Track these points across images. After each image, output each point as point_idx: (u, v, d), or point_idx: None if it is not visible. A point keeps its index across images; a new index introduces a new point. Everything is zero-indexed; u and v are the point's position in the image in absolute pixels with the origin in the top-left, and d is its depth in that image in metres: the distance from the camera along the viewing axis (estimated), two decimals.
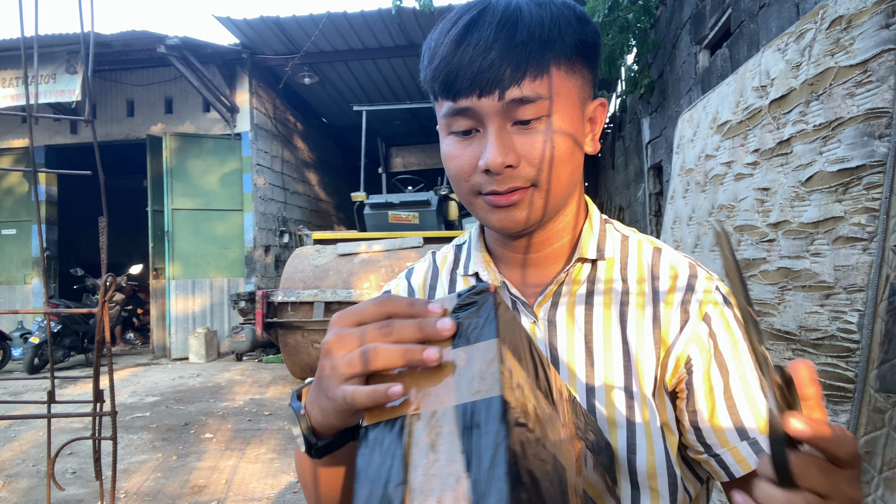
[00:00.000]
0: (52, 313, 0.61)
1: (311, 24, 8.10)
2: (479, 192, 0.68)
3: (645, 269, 0.74)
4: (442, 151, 0.71)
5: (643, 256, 0.76)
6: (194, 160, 8.96)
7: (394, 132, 11.19)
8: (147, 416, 5.34)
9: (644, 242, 0.77)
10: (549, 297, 0.74)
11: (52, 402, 0.57)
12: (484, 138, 0.65)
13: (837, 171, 1.27)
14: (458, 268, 0.83)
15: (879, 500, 1.14)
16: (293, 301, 6.07)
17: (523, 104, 0.63)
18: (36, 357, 7.45)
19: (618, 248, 0.76)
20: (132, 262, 10.68)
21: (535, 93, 0.63)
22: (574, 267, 0.74)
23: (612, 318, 0.71)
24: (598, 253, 0.75)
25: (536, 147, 0.64)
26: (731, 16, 3.61)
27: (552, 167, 0.65)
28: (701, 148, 2.15)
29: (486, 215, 0.69)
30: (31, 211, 9.67)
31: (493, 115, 0.64)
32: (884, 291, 1.14)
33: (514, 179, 0.65)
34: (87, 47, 3.44)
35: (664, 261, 0.75)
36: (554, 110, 0.65)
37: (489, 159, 0.63)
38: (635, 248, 0.77)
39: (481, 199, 0.68)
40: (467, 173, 0.67)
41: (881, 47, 1.17)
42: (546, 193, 0.67)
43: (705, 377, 0.68)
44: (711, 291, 0.72)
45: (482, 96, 0.63)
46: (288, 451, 4.30)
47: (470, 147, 0.67)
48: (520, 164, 0.65)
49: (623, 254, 0.76)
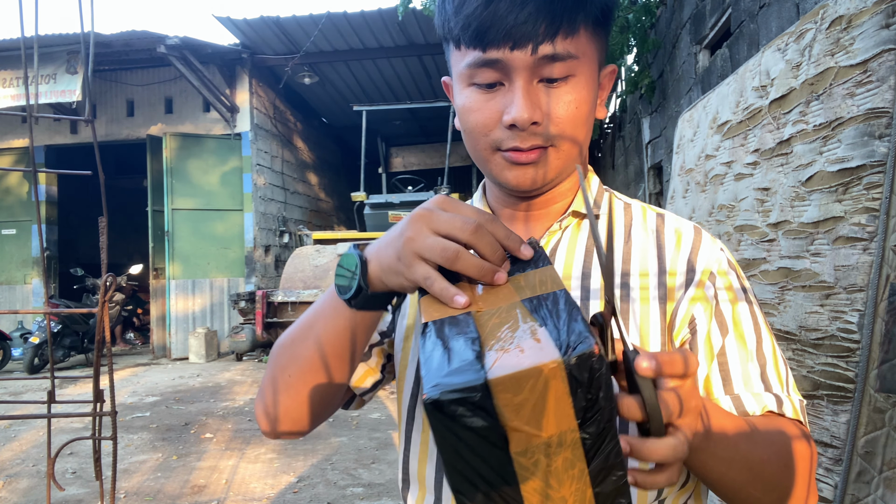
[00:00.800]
0: (52, 313, 0.61)
1: (311, 24, 8.10)
2: (497, 149, 0.67)
3: (651, 233, 0.74)
4: (459, 104, 0.69)
5: (648, 220, 0.75)
6: (194, 160, 8.96)
7: (394, 132, 11.20)
8: (147, 416, 5.34)
9: (648, 209, 0.77)
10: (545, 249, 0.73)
11: (52, 402, 0.57)
12: (510, 93, 0.64)
13: (837, 171, 1.27)
14: None
15: (880, 500, 1.14)
16: (293, 301, 6.07)
17: (554, 61, 0.62)
18: (36, 357, 7.45)
19: (620, 212, 0.76)
20: (132, 262, 10.68)
21: (566, 51, 0.63)
22: (568, 220, 0.74)
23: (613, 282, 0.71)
24: (593, 207, 0.74)
25: (561, 107, 0.64)
26: (731, 16, 3.61)
27: (572, 128, 0.65)
28: (701, 148, 2.15)
29: (502, 172, 0.68)
30: (31, 211, 9.67)
31: (523, 70, 0.63)
32: (884, 291, 1.14)
33: (536, 137, 0.64)
34: (87, 47, 3.44)
35: (669, 224, 0.74)
36: (579, 71, 0.64)
37: (517, 114, 0.62)
38: (639, 213, 0.76)
39: (499, 156, 0.67)
40: (488, 128, 0.66)
41: (881, 47, 1.17)
42: (563, 154, 0.67)
43: (706, 338, 0.68)
44: (716, 253, 0.72)
45: (515, 49, 0.62)
46: (288, 451, 4.30)
47: (493, 101, 0.65)
48: (543, 122, 0.64)
49: (627, 218, 0.76)
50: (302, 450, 4.32)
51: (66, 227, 10.63)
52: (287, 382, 0.66)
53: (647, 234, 0.73)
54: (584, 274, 0.71)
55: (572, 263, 0.72)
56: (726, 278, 0.70)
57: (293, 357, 0.66)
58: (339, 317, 0.62)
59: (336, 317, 0.62)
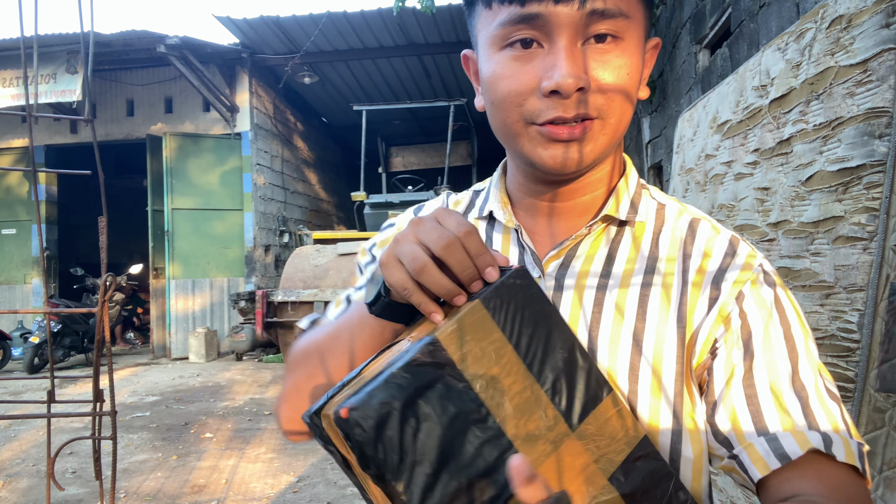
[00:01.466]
0: (52, 313, 0.61)
1: (311, 24, 8.09)
2: (532, 122, 0.57)
3: (678, 242, 0.65)
4: (487, 72, 0.60)
5: (678, 227, 0.66)
6: (194, 160, 8.96)
7: (394, 132, 11.19)
8: (147, 416, 5.34)
9: (684, 212, 0.68)
10: (563, 254, 0.65)
11: (51, 401, 0.57)
12: (550, 55, 0.55)
13: (837, 171, 1.27)
14: (471, 210, 0.75)
15: (879, 499, 1.14)
16: (293, 301, 6.08)
17: (603, 18, 0.54)
18: (36, 357, 7.45)
19: (652, 215, 0.67)
20: (132, 261, 10.68)
21: (618, 7, 0.55)
22: (598, 225, 0.65)
23: (628, 299, 0.62)
24: (628, 213, 0.65)
25: (610, 71, 0.56)
26: (731, 15, 3.61)
27: (621, 98, 0.57)
28: (701, 147, 2.15)
29: (536, 149, 0.58)
30: (31, 210, 9.67)
31: (567, 27, 0.54)
32: (884, 291, 1.14)
33: (582, 106, 0.55)
34: (86, 47, 3.44)
35: (702, 233, 0.65)
36: (628, 34, 0.57)
37: (561, 78, 0.54)
38: (672, 217, 0.67)
39: (534, 130, 0.58)
40: (523, 97, 0.57)
41: (881, 46, 1.17)
42: (610, 129, 0.58)
43: (727, 361, 0.59)
44: (752, 268, 0.61)
45: (559, 1, 0.54)
46: (288, 451, 4.30)
47: (530, 65, 0.56)
48: (591, 89, 0.56)
49: (657, 223, 0.66)
50: (302, 449, 4.32)
51: (66, 227, 10.63)
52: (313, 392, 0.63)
53: (675, 243, 0.65)
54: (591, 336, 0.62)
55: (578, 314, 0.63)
56: (758, 295, 0.60)
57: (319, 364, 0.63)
58: (366, 326, 0.59)
59: (362, 326, 0.59)
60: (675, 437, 0.59)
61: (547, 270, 0.65)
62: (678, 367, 0.59)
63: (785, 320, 0.60)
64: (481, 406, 0.45)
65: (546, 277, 0.64)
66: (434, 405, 0.44)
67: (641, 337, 0.60)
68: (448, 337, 0.46)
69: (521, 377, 0.47)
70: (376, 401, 0.42)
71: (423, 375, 0.44)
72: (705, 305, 0.60)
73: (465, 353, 0.46)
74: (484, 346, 0.46)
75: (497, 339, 0.47)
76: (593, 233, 0.65)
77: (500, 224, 0.70)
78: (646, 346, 0.60)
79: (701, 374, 0.61)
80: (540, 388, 0.48)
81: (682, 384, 0.59)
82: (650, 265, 0.63)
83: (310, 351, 0.65)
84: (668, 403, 0.59)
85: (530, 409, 0.47)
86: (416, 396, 0.43)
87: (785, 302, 0.61)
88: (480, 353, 0.46)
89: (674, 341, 0.60)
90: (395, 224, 0.79)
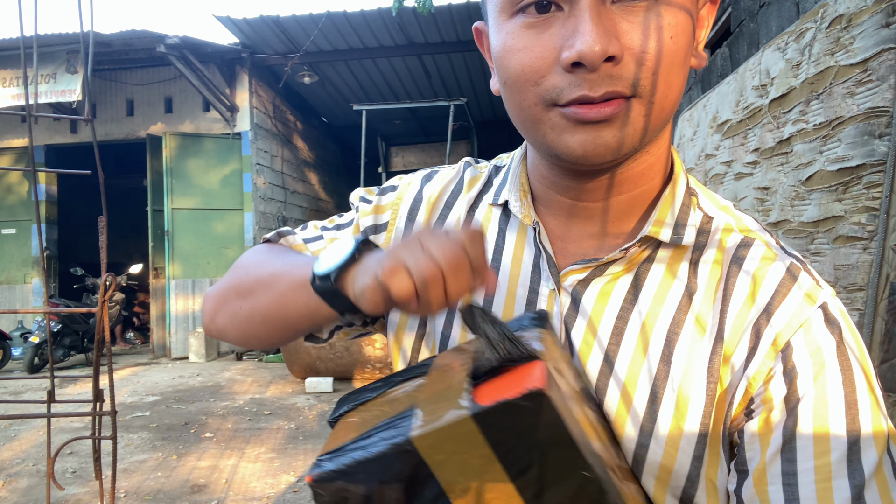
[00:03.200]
0: (52, 313, 0.61)
1: (311, 24, 8.09)
2: (553, 104, 0.47)
3: (724, 268, 0.53)
4: (498, 45, 0.50)
5: (724, 249, 0.54)
6: (194, 160, 8.96)
7: (394, 131, 11.20)
8: (147, 416, 5.34)
9: (734, 227, 0.55)
10: (587, 270, 0.55)
11: (51, 401, 0.57)
12: (570, 19, 0.45)
13: (837, 171, 1.27)
14: (486, 192, 0.65)
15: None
16: None
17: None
18: (36, 356, 7.46)
19: (694, 233, 0.55)
20: (132, 261, 10.68)
21: None
22: (635, 248, 0.54)
23: (654, 334, 0.52)
24: (672, 236, 0.53)
25: (649, 35, 0.45)
26: (732, 15, 3.61)
27: (665, 68, 0.46)
28: (701, 147, 2.14)
29: (561, 136, 0.48)
30: (30, 210, 9.67)
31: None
32: (884, 290, 1.14)
33: (613, 81, 0.45)
34: (86, 47, 3.44)
35: (752, 258, 0.52)
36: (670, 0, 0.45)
37: (584, 46, 0.43)
38: (719, 235, 0.55)
39: (556, 113, 0.48)
40: (540, 73, 0.47)
41: (881, 46, 1.17)
42: (651, 108, 0.47)
43: (764, 427, 0.47)
44: (810, 307, 0.49)
45: None
46: (288, 451, 4.30)
47: (546, 33, 0.46)
48: (623, 58, 0.45)
49: (699, 241, 0.55)
50: (302, 449, 4.32)
51: (66, 227, 10.62)
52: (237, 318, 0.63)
53: (717, 271, 0.53)
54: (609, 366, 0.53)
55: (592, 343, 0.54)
56: (814, 343, 0.47)
57: (247, 294, 0.60)
58: (302, 290, 0.53)
59: (300, 289, 0.54)
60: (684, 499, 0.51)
61: (564, 283, 0.56)
62: (705, 419, 0.49)
63: (848, 379, 0.46)
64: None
65: (561, 292, 0.56)
66: (398, 498, 0.43)
67: (663, 384, 0.51)
68: (425, 440, 0.41)
69: (507, 496, 0.42)
70: (337, 483, 0.43)
71: (392, 468, 0.42)
72: (744, 353, 0.49)
73: (442, 460, 0.42)
74: (466, 458, 0.41)
75: (484, 455, 0.41)
76: (628, 256, 0.54)
77: (516, 219, 0.61)
78: (666, 396, 0.50)
79: (734, 433, 0.50)
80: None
81: (703, 447, 0.49)
82: (684, 297, 0.52)
83: (251, 269, 0.63)
84: (683, 466, 0.50)
85: None
86: (382, 484, 0.42)
87: (852, 353, 0.47)
88: (461, 462, 0.42)
89: (701, 396, 0.50)
90: (398, 189, 0.70)
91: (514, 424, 0.40)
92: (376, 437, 0.44)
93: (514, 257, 0.60)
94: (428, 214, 0.66)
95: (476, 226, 0.53)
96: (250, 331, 0.62)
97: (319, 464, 0.44)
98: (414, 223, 0.66)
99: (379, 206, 0.69)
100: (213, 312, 0.66)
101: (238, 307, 0.62)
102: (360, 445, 0.44)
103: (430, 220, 0.66)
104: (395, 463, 0.42)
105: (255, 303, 0.59)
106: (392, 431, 0.43)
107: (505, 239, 0.61)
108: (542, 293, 0.57)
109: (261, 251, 0.66)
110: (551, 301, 0.56)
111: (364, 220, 0.69)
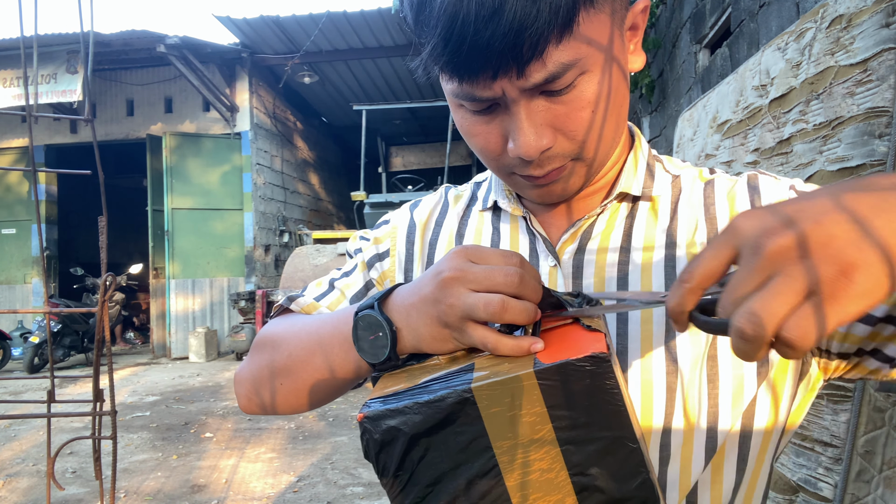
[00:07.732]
0: (52, 313, 0.61)
1: (311, 24, 8.09)
2: (512, 172, 0.58)
3: (699, 210, 0.60)
4: (457, 122, 0.58)
5: (695, 193, 0.62)
6: (194, 159, 8.97)
7: (394, 131, 11.20)
8: (147, 416, 5.34)
9: (698, 178, 0.64)
10: (577, 238, 0.62)
11: (51, 401, 0.57)
12: (509, 116, 0.52)
13: (837, 171, 1.27)
14: (474, 204, 0.72)
15: (879, 499, 1.14)
16: None
17: (555, 79, 0.49)
18: (36, 356, 7.46)
19: (668, 188, 0.63)
20: (132, 261, 10.68)
21: (564, 61, 0.48)
22: (611, 203, 0.62)
23: (654, 272, 0.58)
24: (644, 188, 0.62)
25: (575, 118, 0.52)
26: (731, 15, 3.61)
27: (596, 132, 0.53)
28: (701, 147, 2.14)
29: (523, 190, 0.60)
30: (30, 210, 9.67)
31: (517, 95, 0.50)
32: None
33: (552, 160, 0.54)
34: (86, 47, 3.44)
35: (719, 189, 0.61)
36: (590, 65, 0.50)
37: (522, 149, 0.52)
38: (689, 184, 0.63)
39: (517, 178, 0.58)
40: (495, 153, 0.56)
41: (881, 46, 1.17)
42: (592, 161, 0.56)
43: None
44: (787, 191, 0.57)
45: (497, 77, 0.49)
46: (288, 451, 4.30)
47: (492, 123, 0.54)
48: (557, 142, 0.53)
49: (674, 193, 0.63)
50: (302, 449, 4.32)
51: (66, 227, 10.63)
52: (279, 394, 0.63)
53: (696, 210, 0.61)
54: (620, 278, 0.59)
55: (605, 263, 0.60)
56: None
57: (291, 370, 0.62)
58: (349, 360, 0.56)
59: (346, 360, 0.56)
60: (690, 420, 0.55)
61: (563, 258, 0.61)
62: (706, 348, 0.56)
63: None
64: (495, 466, 0.43)
65: (562, 265, 0.61)
66: (446, 445, 0.43)
67: None
68: (484, 391, 0.42)
69: (552, 459, 0.43)
70: (388, 422, 0.43)
71: (446, 414, 0.42)
72: None
73: (496, 413, 0.42)
74: (520, 414, 0.42)
75: (538, 413, 0.42)
76: (608, 211, 0.62)
77: (507, 213, 0.68)
78: None
79: None
80: (568, 478, 0.43)
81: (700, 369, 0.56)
82: (671, 238, 0.59)
83: (280, 346, 0.64)
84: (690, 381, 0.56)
85: (547, 490, 0.43)
86: (430, 431, 0.42)
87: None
88: (514, 418, 0.42)
89: None
90: (391, 221, 0.76)
91: (573, 387, 0.41)
92: (434, 385, 0.44)
93: (511, 246, 0.66)
94: (422, 235, 0.72)
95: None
96: (297, 402, 0.63)
97: (370, 404, 0.44)
98: (413, 245, 0.72)
99: (377, 238, 0.75)
100: (250, 395, 0.67)
101: (278, 385, 0.63)
102: (417, 391, 0.44)
103: (423, 238, 0.72)
104: (450, 409, 0.42)
105: (296, 379, 0.61)
106: (452, 381, 0.44)
107: (500, 233, 0.68)
108: (544, 271, 0.62)
109: (280, 325, 0.68)
110: (553, 277, 0.61)
111: (367, 254, 0.74)
